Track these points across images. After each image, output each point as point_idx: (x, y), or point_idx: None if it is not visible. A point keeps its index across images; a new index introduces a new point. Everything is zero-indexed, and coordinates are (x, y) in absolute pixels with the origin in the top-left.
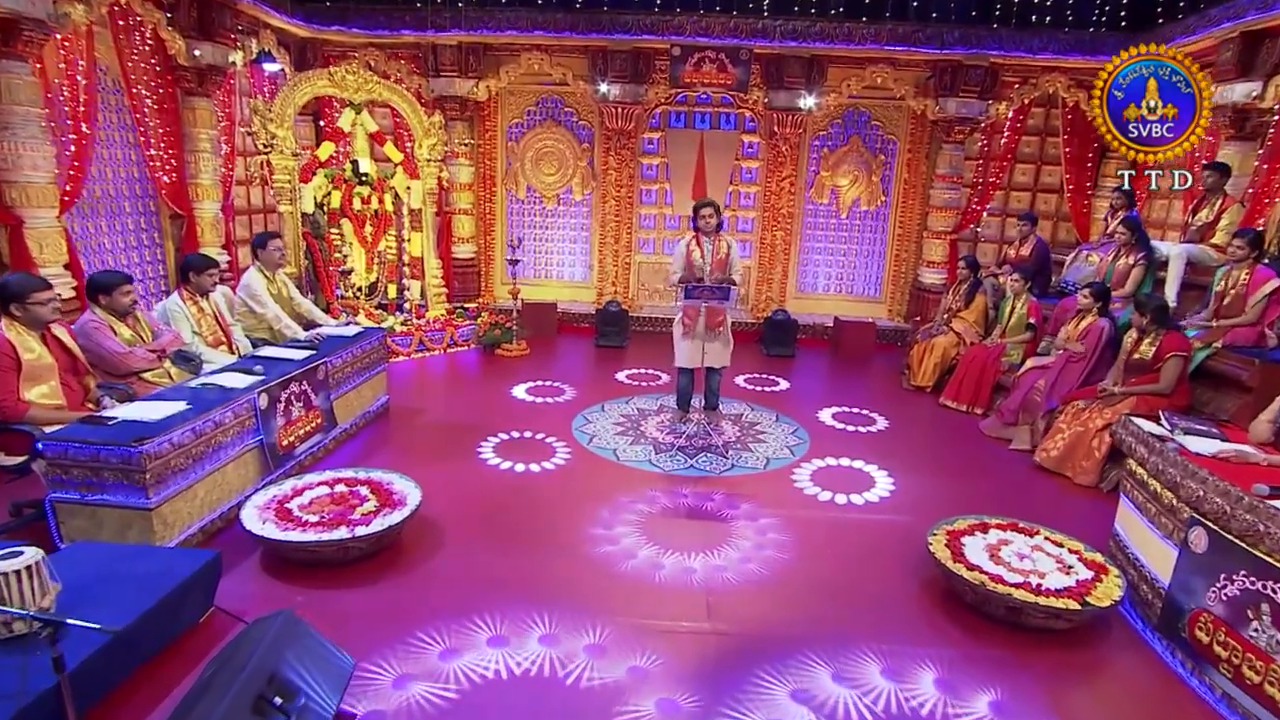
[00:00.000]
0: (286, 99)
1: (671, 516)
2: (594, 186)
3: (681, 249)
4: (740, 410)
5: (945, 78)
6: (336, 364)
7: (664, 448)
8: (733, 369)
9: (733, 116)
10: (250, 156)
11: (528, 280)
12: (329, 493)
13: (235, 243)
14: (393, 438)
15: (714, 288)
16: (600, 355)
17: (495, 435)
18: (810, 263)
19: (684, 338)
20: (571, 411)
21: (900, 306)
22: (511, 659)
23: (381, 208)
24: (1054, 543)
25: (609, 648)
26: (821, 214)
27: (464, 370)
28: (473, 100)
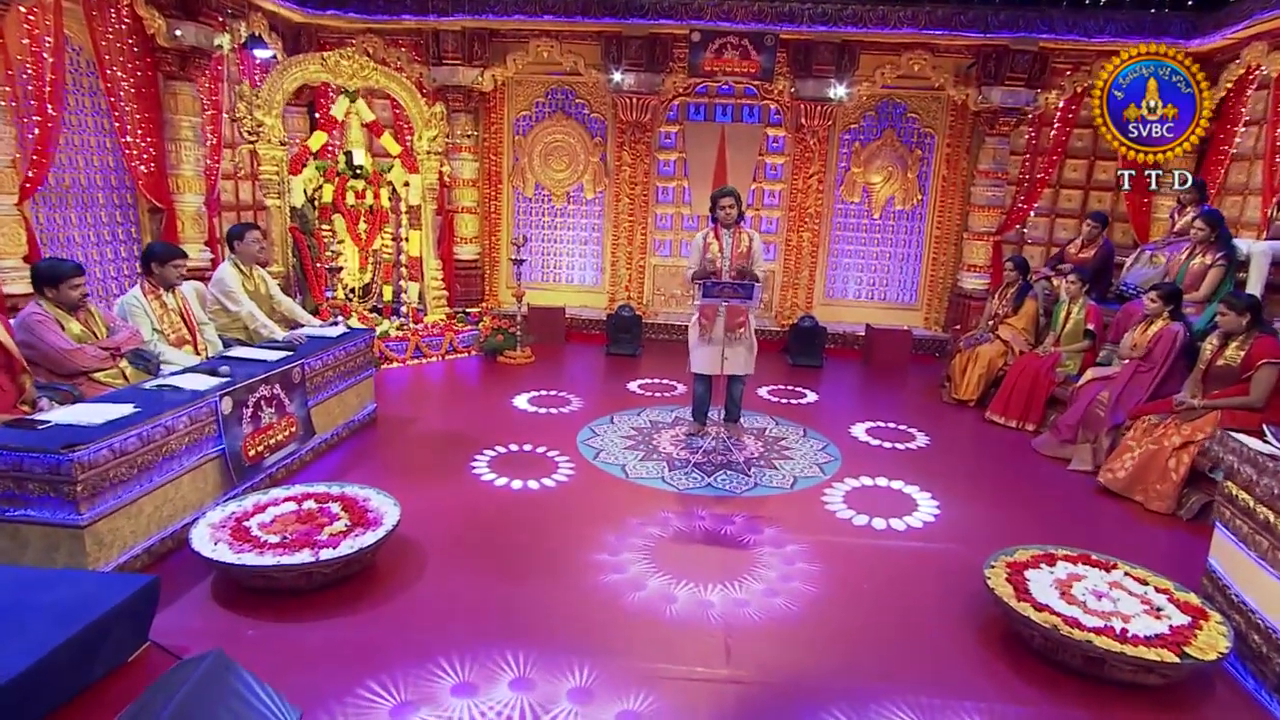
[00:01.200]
0: (275, 84)
1: (686, 541)
2: (606, 184)
3: (698, 241)
4: (763, 424)
5: (989, 64)
6: (316, 367)
7: (678, 464)
8: (755, 379)
9: (756, 108)
10: (237, 147)
11: (534, 284)
12: (295, 510)
13: (220, 240)
14: (378, 449)
15: (735, 285)
16: (611, 364)
17: (492, 448)
18: (840, 266)
19: (701, 341)
20: (577, 423)
21: (938, 314)
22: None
23: (377, 203)
24: (1137, 579)
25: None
26: (852, 214)
27: (462, 378)
28: (477, 90)
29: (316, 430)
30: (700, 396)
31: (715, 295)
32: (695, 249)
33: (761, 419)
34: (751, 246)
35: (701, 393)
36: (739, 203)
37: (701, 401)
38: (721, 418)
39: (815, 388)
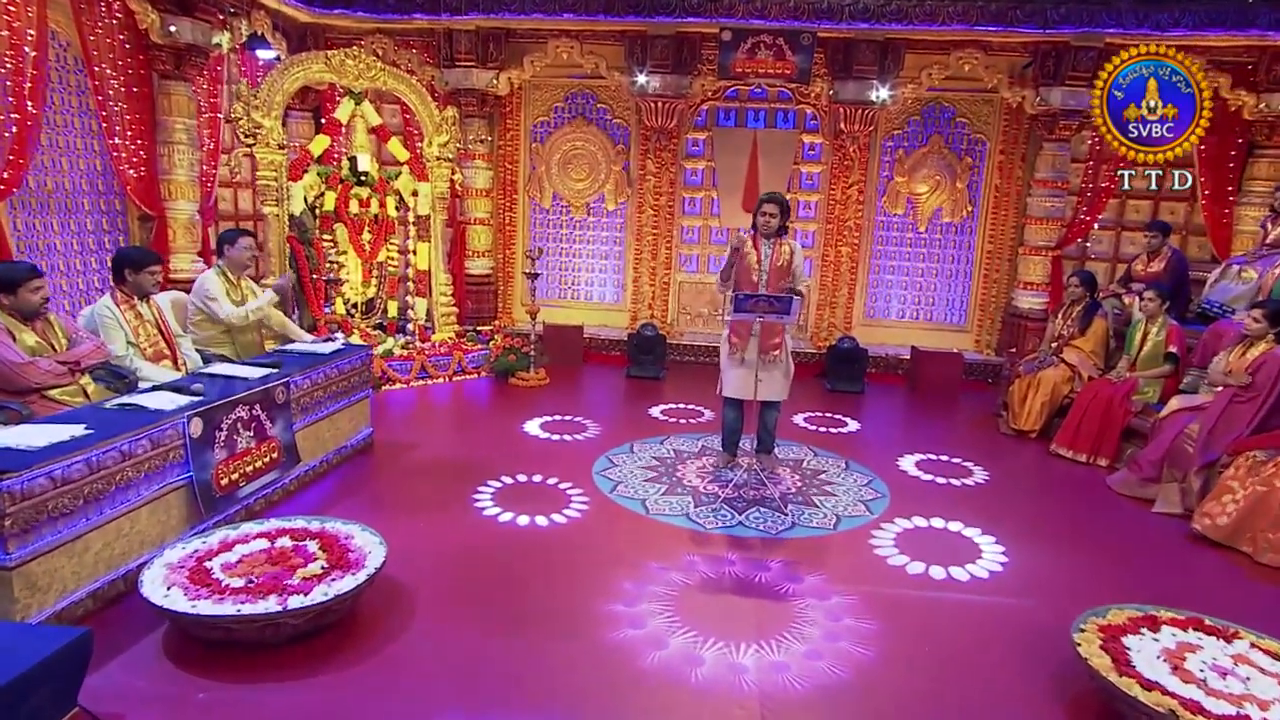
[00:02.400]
0: (275, 84)
1: (714, 591)
2: (629, 194)
3: (735, 243)
4: (800, 455)
5: (1048, 63)
6: (303, 386)
7: (706, 499)
8: (790, 405)
9: (791, 113)
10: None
11: (550, 301)
12: (267, 549)
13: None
14: (372, 479)
15: (771, 298)
16: (632, 387)
17: (498, 479)
18: (882, 284)
19: (732, 362)
20: (593, 452)
21: (990, 336)
22: None
23: (383, 213)
24: (1269, 653)
25: None
26: (895, 226)
27: (470, 401)
28: (492, 94)
29: (302, 457)
30: (730, 424)
31: (749, 310)
32: (731, 249)
33: (798, 449)
34: (792, 260)
35: (732, 420)
36: (784, 213)
37: (732, 430)
38: (753, 448)
39: (856, 415)
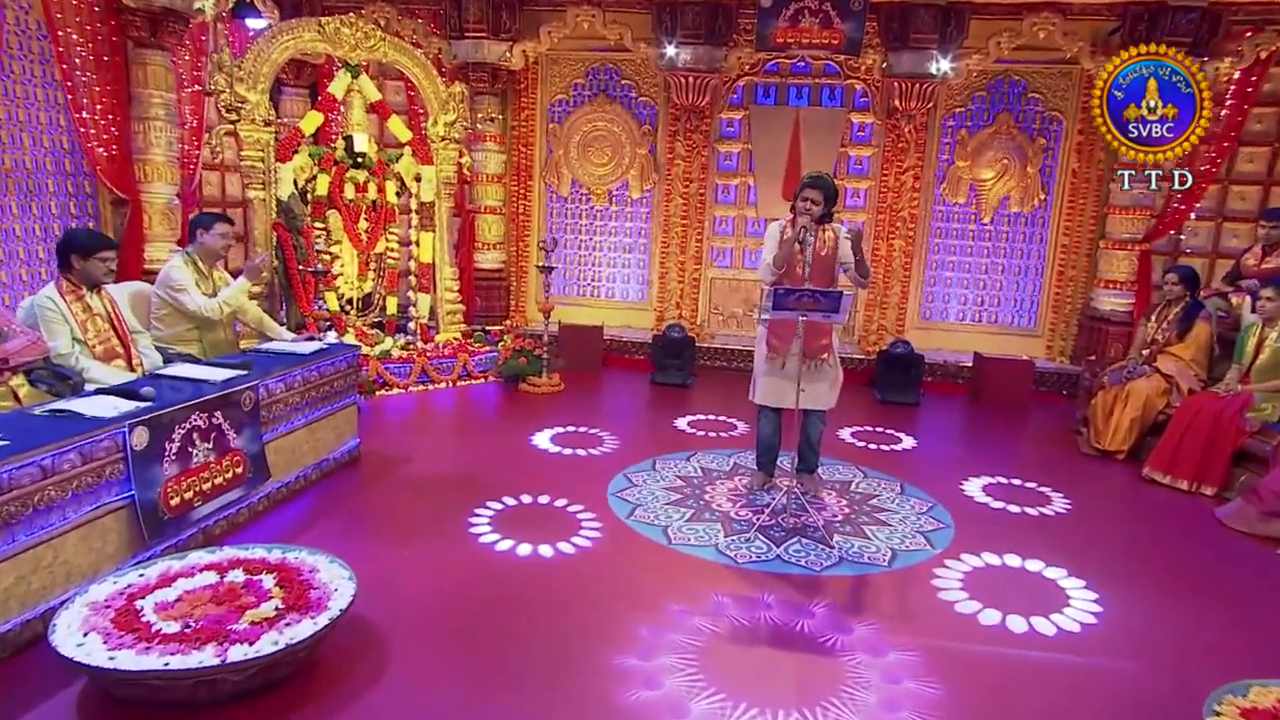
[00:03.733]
0: (262, 53)
1: (746, 642)
2: (656, 181)
3: (774, 231)
4: (848, 476)
5: (1139, 27)
6: (277, 390)
7: (738, 527)
8: (836, 418)
9: (839, 89)
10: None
11: (567, 298)
12: (214, 583)
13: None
14: (354, 498)
15: (818, 293)
16: (656, 395)
17: (499, 500)
18: (940, 281)
19: (770, 366)
20: (610, 469)
21: (1065, 341)
22: None
23: (382, 199)
24: None
25: None
26: (956, 217)
27: (474, 409)
28: (505, 69)
29: (274, 472)
30: (766, 438)
31: (790, 307)
32: (771, 238)
33: (845, 469)
34: (838, 247)
35: (768, 434)
36: (829, 199)
37: (768, 445)
38: (794, 467)
39: (912, 430)
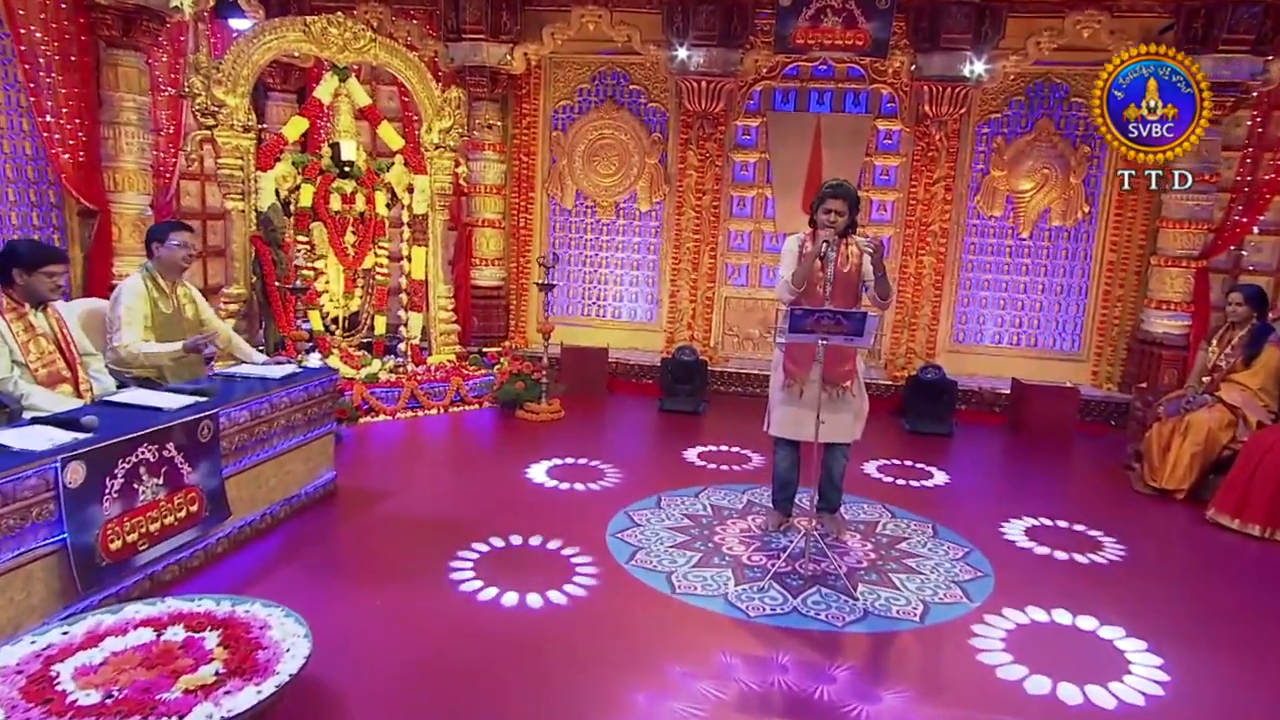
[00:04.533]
0: (242, 54)
1: (758, 712)
2: (666, 192)
3: (791, 246)
4: (875, 515)
5: (1194, 25)
6: (240, 419)
7: (750, 574)
8: (859, 451)
9: (864, 94)
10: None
11: (570, 318)
12: (148, 643)
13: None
14: (325, 538)
15: (839, 314)
16: (664, 423)
17: (486, 540)
18: (974, 301)
19: (787, 395)
20: (610, 507)
21: (1113, 367)
22: None
23: (370, 210)
24: None
25: None
26: (992, 231)
27: (466, 438)
28: (505, 73)
29: (235, 509)
30: (783, 474)
31: (809, 329)
32: (789, 253)
33: (871, 508)
34: (862, 262)
35: (785, 469)
36: (852, 208)
37: (785, 481)
38: (814, 505)
39: (944, 465)
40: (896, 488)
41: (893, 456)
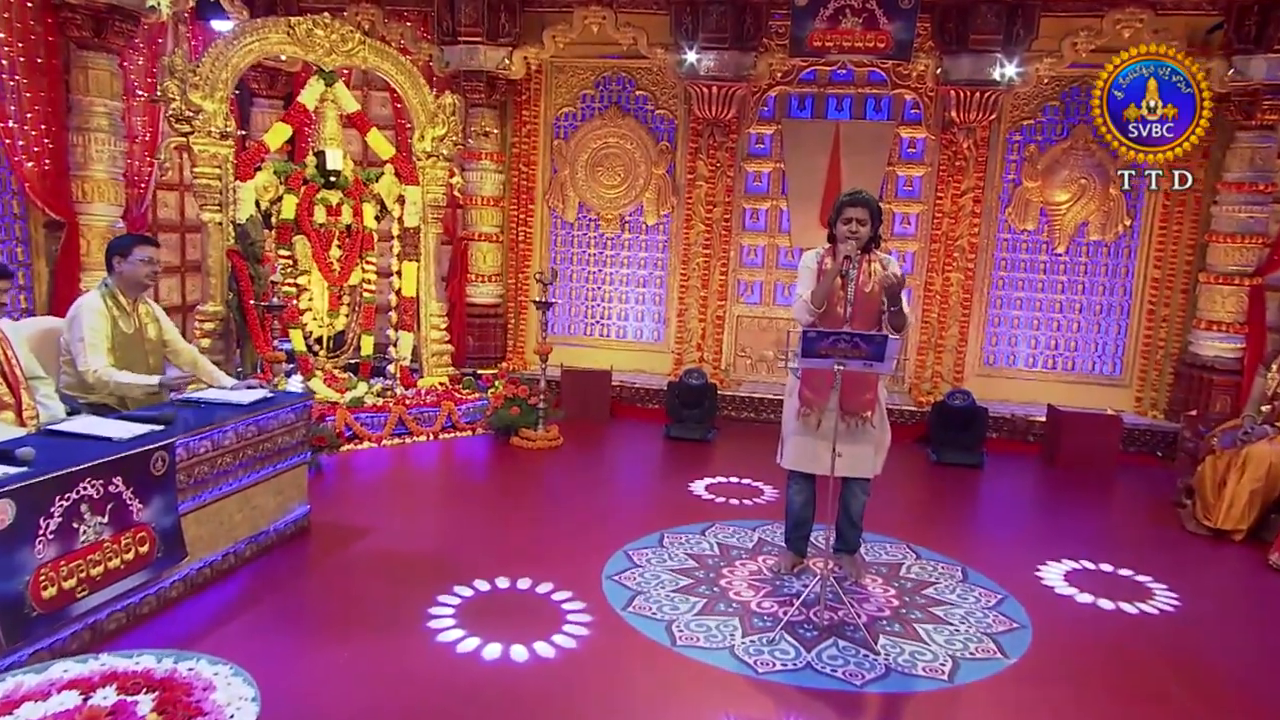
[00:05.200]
0: (221, 56)
1: None
2: (675, 205)
3: (809, 263)
4: (898, 556)
5: (1247, 23)
6: (200, 450)
7: (759, 624)
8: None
9: (886, 100)
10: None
11: (572, 338)
12: (71, 709)
13: None
14: (294, 581)
15: (858, 337)
16: (670, 452)
17: (470, 583)
18: (1005, 321)
19: (802, 425)
20: (608, 545)
21: (1159, 393)
22: None
23: (358, 223)
24: None
25: None
26: (1024, 246)
27: (456, 467)
28: (504, 78)
29: (194, 549)
30: (797, 511)
31: (824, 353)
32: (807, 270)
33: (894, 548)
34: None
35: (800, 505)
36: (874, 218)
37: (799, 519)
38: (830, 545)
39: (973, 500)
40: (922, 525)
41: (918, 491)
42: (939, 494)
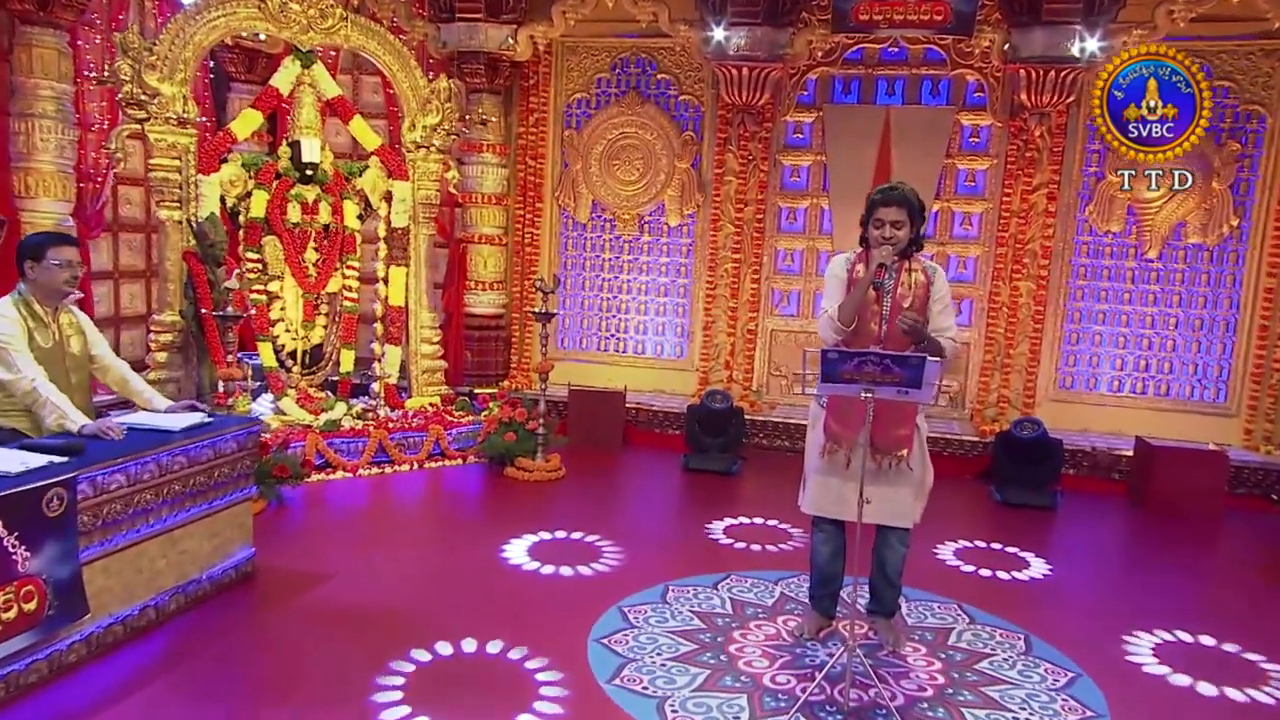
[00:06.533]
0: (182, 33)
1: None
2: (700, 203)
3: (837, 270)
4: (946, 619)
5: None
6: (112, 486)
7: (772, 704)
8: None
9: (944, 82)
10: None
11: (583, 353)
12: None
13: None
14: (222, 640)
15: (889, 359)
16: (689, 486)
17: (429, 646)
18: (1084, 338)
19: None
20: (601, 599)
21: (1274, 424)
22: None
23: (337, 222)
24: None
25: None
26: (1108, 251)
27: (439, 502)
28: (508, 60)
29: (100, 604)
30: (824, 564)
31: (849, 378)
32: (835, 279)
33: (942, 608)
34: (930, 292)
35: (826, 558)
36: (915, 217)
37: (826, 574)
38: (864, 605)
39: (1045, 550)
40: (979, 580)
41: (976, 536)
42: (1001, 542)
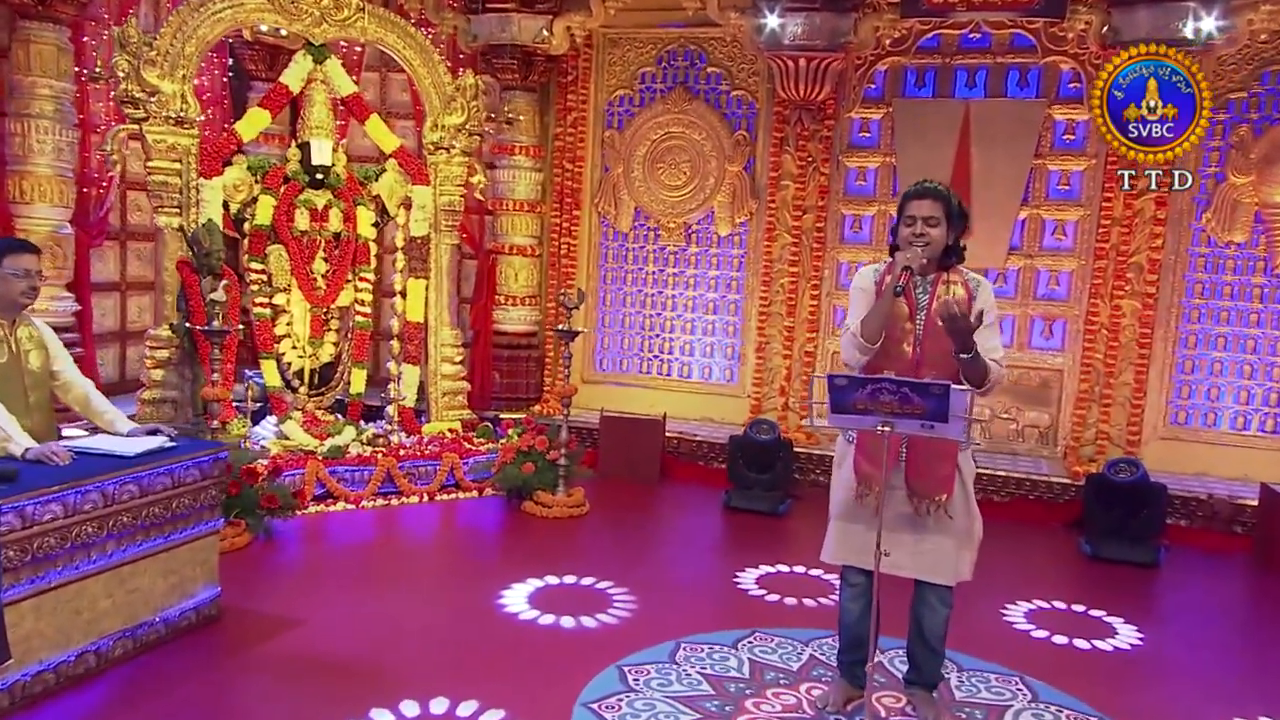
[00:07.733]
0: (184, 26)
1: None
2: (754, 210)
3: (864, 282)
4: (1003, 694)
5: None
6: (45, 518)
7: None
8: (1007, 578)
9: (1034, 72)
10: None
11: (622, 376)
12: None
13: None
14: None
15: (911, 386)
16: (728, 528)
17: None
18: (1200, 367)
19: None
20: (600, 655)
21: None
22: None
23: (349, 230)
24: None
25: None
26: (1229, 265)
27: (444, 540)
28: (543, 54)
29: (27, 649)
30: (852, 624)
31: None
32: (860, 292)
33: (999, 680)
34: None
35: (856, 615)
36: (953, 218)
37: (854, 636)
38: (903, 675)
39: (1137, 615)
40: (1050, 648)
41: (1055, 594)
42: (1085, 603)
